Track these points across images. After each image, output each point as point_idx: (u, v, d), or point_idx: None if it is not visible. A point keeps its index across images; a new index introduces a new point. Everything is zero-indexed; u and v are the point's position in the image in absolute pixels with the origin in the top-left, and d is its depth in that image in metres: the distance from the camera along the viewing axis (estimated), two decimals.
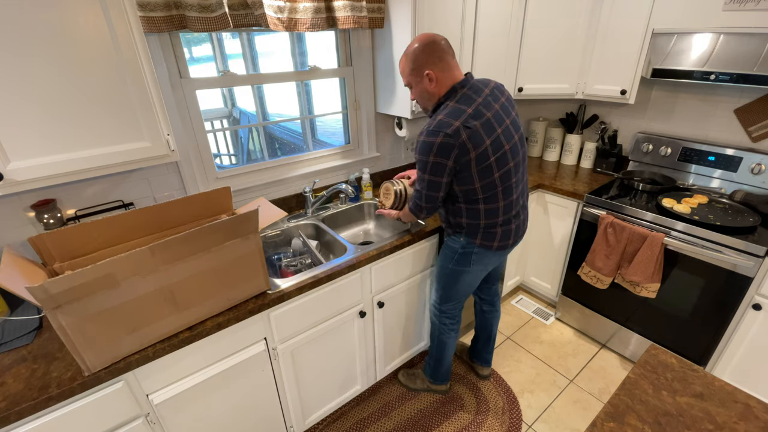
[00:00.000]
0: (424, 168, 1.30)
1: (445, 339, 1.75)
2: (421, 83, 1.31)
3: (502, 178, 1.34)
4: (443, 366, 1.84)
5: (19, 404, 0.90)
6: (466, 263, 1.51)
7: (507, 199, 1.39)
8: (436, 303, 1.70)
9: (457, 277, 1.56)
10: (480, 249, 1.46)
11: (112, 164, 1.16)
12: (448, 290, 1.62)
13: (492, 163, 1.29)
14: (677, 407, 0.88)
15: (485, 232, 1.43)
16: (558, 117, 2.59)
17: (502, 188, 1.35)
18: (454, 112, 1.24)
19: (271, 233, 1.72)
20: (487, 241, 1.44)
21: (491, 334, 1.92)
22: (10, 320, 1.16)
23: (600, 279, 1.99)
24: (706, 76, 1.66)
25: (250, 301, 1.25)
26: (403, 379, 1.98)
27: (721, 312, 1.69)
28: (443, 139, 1.22)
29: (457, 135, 1.22)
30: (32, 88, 0.99)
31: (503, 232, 1.44)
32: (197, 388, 1.21)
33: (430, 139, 1.24)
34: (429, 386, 1.92)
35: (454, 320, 1.72)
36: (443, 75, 1.29)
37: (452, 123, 1.22)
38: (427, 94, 1.33)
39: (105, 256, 1.16)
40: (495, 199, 1.36)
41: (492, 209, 1.38)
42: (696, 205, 1.82)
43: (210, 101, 1.69)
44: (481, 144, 1.25)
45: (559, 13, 2.03)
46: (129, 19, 1.07)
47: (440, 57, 1.28)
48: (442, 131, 1.22)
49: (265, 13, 1.38)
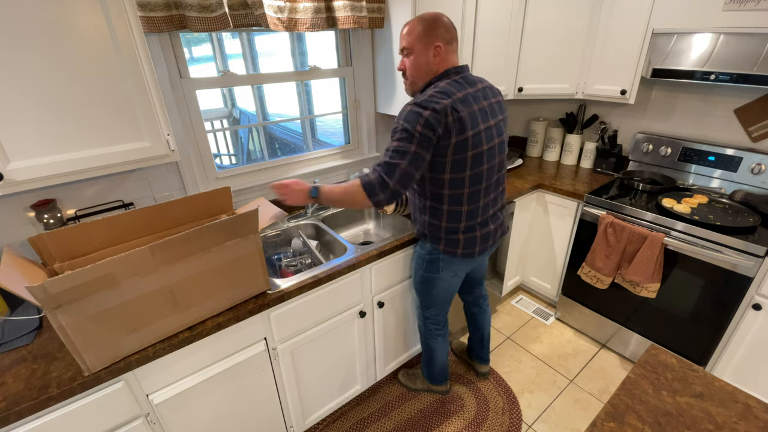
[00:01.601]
0: (409, 138, 1.17)
1: (431, 344, 1.74)
2: (426, 53, 1.25)
3: (472, 179, 1.28)
4: (436, 368, 1.83)
5: (19, 404, 0.90)
6: (435, 269, 1.47)
7: (472, 204, 1.33)
8: (420, 308, 1.68)
9: (431, 284, 1.53)
10: (445, 255, 1.42)
11: (112, 164, 1.16)
12: (425, 296, 1.59)
13: (467, 158, 1.23)
14: (677, 407, 0.88)
15: (447, 239, 1.38)
16: (558, 117, 2.59)
17: (469, 191, 1.30)
18: (445, 92, 1.20)
19: (271, 233, 1.72)
20: (451, 248, 1.39)
21: (484, 334, 1.92)
22: (10, 320, 1.16)
23: (600, 279, 1.99)
24: (706, 76, 1.66)
25: (250, 301, 1.25)
26: (404, 380, 1.98)
27: (721, 312, 1.69)
28: (431, 113, 1.16)
29: (445, 113, 1.16)
30: (32, 88, 0.99)
31: (466, 239, 1.38)
32: (197, 388, 1.21)
33: (417, 110, 1.17)
34: (429, 387, 1.92)
35: (439, 325, 1.69)
36: (447, 56, 1.26)
37: (441, 101, 1.17)
38: (425, 67, 1.27)
39: (105, 256, 1.16)
40: (459, 202, 1.31)
41: (455, 212, 1.33)
42: (696, 205, 1.82)
43: (210, 101, 1.69)
44: (463, 133, 1.20)
45: (559, 13, 2.04)
46: (129, 19, 1.07)
47: (452, 38, 1.26)
48: (431, 106, 1.16)
49: (265, 13, 1.38)
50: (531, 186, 2.18)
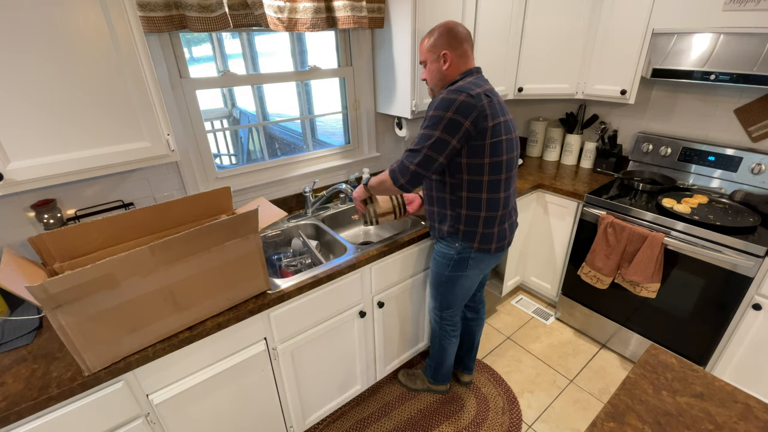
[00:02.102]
0: (436, 124, 1.22)
1: (446, 345, 1.73)
2: (436, 62, 1.33)
3: (507, 165, 1.32)
4: (444, 368, 1.84)
5: (19, 404, 0.90)
6: (463, 268, 1.47)
7: (507, 191, 1.37)
8: (436, 309, 1.66)
9: (455, 283, 1.53)
10: (477, 253, 1.43)
11: (112, 164, 1.16)
12: (447, 296, 1.58)
13: (503, 142, 1.28)
14: (677, 407, 0.88)
15: (484, 233, 1.38)
16: (558, 117, 2.59)
17: (504, 177, 1.33)
18: (474, 83, 1.26)
19: (271, 233, 1.72)
20: (485, 244, 1.40)
21: (474, 342, 1.89)
22: (10, 320, 1.16)
23: (600, 279, 1.99)
24: (706, 76, 1.66)
25: (250, 301, 1.25)
26: (404, 380, 1.97)
27: (721, 312, 1.69)
28: (466, 98, 1.20)
29: (479, 98, 1.21)
30: (32, 88, 0.98)
31: (500, 231, 1.41)
32: (197, 388, 1.21)
33: (451, 96, 1.21)
34: (429, 386, 1.92)
35: (455, 326, 1.69)
36: (458, 60, 1.32)
37: (474, 88, 1.23)
38: (439, 74, 1.34)
39: (105, 256, 1.16)
40: (498, 188, 1.33)
41: (494, 200, 1.34)
42: (696, 205, 1.82)
43: (210, 101, 1.69)
44: (497, 117, 1.25)
45: (559, 13, 2.04)
46: (129, 19, 1.07)
47: (459, 43, 1.31)
48: (465, 92, 1.21)
49: (265, 13, 1.38)
50: (531, 186, 2.18)
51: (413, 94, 1.78)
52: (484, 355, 2.18)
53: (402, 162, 1.30)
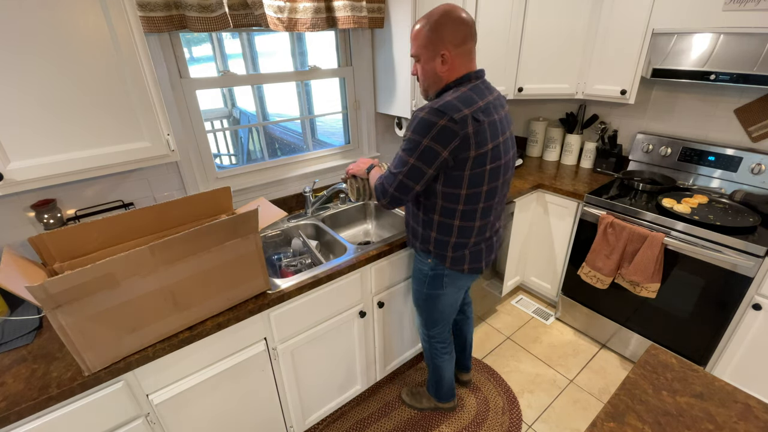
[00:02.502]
0: (412, 150, 1.10)
1: (439, 363, 1.66)
2: (431, 61, 1.14)
3: (487, 195, 1.21)
4: (444, 385, 1.76)
5: (19, 404, 0.90)
6: (439, 286, 1.40)
7: (484, 220, 1.26)
8: (423, 327, 1.60)
9: (435, 301, 1.46)
10: (450, 272, 1.35)
11: (112, 164, 1.16)
12: (431, 314, 1.52)
13: (485, 172, 1.15)
14: (677, 407, 0.88)
15: (454, 256, 1.30)
16: (558, 117, 2.59)
17: (483, 206, 1.22)
18: (466, 99, 1.08)
19: (271, 233, 1.72)
20: (457, 265, 1.32)
21: (467, 341, 1.85)
22: (10, 320, 1.16)
23: (600, 279, 1.99)
24: (706, 76, 1.66)
25: (250, 301, 1.25)
26: (408, 399, 1.88)
27: (721, 312, 1.69)
28: (447, 122, 1.05)
29: (464, 124, 1.05)
30: (32, 88, 0.99)
31: (472, 254, 1.31)
32: (197, 388, 1.21)
33: (431, 119, 1.06)
34: (437, 405, 1.83)
35: (445, 343, 1.62)
36: (459, 61, 1.13)
37: (461, 109, 1.06)
38: (433, 75, 1.16)
39: (105, 256, 1.16)
40: (473, 217, 1.23)
41: (466, 228, 1.25)
42: (696, 205, 1.82)
43: (210, 101, 1.69)
44: (484, 145, 1.11)
45: (559, 13, 2.03)
46: (129, 19, 1.07)
47: (464, 39, 1.11)
48: (449, 114, 1.05)
49: (265, 13, 1.38)
50: (531, 186, 2.18)
51: (413, 94, 1.78)
52: (484, 355, 2.18)
53: (383, 183, 1.22)
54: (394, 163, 1.19)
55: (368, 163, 1.45)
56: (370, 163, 1.45)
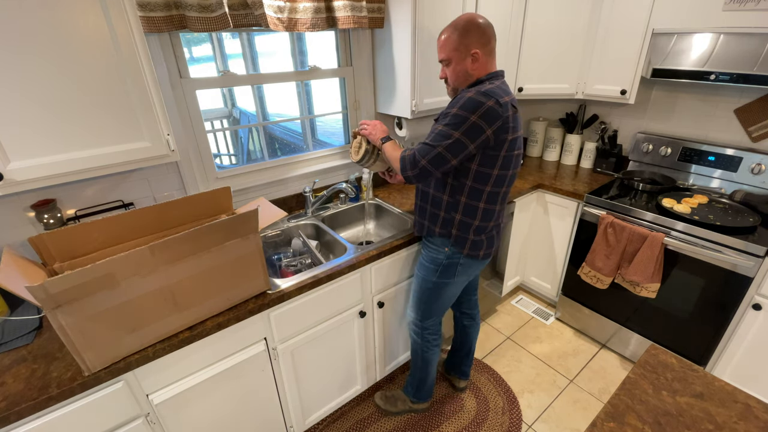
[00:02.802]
0: (458, 124, 1.16)
1: (429, 356, 1.66)
2: (463, 61, 1.24)
3: (509, 180, 1.32)
4: (427, 383, 1.76)
5: (19, 404, 0.90)
6: (451, 275, 1.44)
7: (501, 205, 1.37)
8: (417, 320, 1.60)
9: (441, 291, 1.49)
10: (466, 259, 1.40)
11: (112, 164, 1.16)
12: (431, 305, 1.54)
13: (513, 157, 1.26)
14: (677, 407, 0.88)
15: (474, 240, 1.36)
16: (558, 117, 2.59)
17: (504, 190, 1.33)
18: (501, 90, 1.20)
19: (271, 233, 1.72)
20: (474, 251, 1.38)
21: (471, 348, 1.85)
22: (10, 320, 1.16)
23: (600, 279, 1.99)
24: (706, 76, 1.66)
25: (250, 301, 1.25)
26: (382, 403, 1.84)
27: (721, 312, 1.69)
28: (494, 105, 1.15)
29: (506, 108, 1.17)
30: (32, 88, 0.98)
31: (488, 239, 1.39)
32: (197, 388, 1.21)
33: (480, 99, 1.15)
34: (411, 406, 1.81)
35: (437, 336, 1.63)
36: (486, 59, 1.24)
37: (503, 95, 1.18)
38: (465, 74, 1.26)
39: (105, 256, 1.16)
40: (495, 200, 1.33)
41: (489, 211, 1.33)
42: (696, 205, 1.82)
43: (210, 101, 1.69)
44: (516, 131, 1.23)
45: (559, 13, 2.04)
46: (129, 19, 1.07)
47: (488, 40, 1.23)
48: (495, 97, 1.15)
49: (265, 13, 1.38)
50: (531, 186, 2.18)
51: (413, 94, 1.78)
52: (484, 355, 2.18)
53: (414, 155, 1.24)
54: (430, 137, 1.23)
55: (385, 132, 1.45)
56: (386, 133, 1.46)
